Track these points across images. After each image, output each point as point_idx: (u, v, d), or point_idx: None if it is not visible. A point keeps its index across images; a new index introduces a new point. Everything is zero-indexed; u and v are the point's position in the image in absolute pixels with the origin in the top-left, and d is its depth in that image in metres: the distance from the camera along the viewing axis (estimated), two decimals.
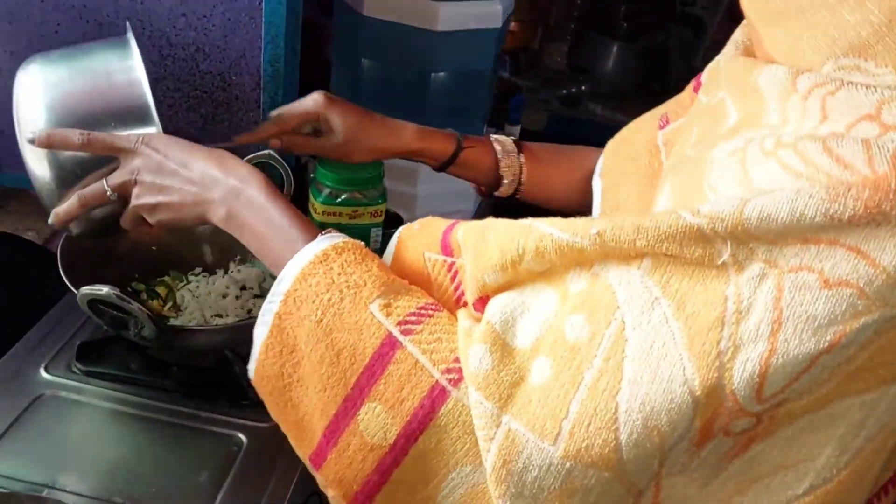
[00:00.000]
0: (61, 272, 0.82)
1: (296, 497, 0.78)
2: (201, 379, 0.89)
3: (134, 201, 0.71)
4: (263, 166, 0.96)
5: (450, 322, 0.58)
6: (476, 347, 0.53)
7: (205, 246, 0.99)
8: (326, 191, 0.99)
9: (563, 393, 0.49)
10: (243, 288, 0.96)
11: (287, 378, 0.60)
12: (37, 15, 1.00)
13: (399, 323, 0.57)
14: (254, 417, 0.85)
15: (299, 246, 0.62)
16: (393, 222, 1.15)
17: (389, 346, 0.56)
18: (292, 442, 0.62)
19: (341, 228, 1.04)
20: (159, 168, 0.69)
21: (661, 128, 0.78)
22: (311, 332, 0.58)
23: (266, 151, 0.88)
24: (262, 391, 0.62)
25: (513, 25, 1.96)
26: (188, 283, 0.97)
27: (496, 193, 0.96)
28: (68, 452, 0.79)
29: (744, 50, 0.60)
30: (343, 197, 0.99)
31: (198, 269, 0.99)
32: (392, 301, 0.58)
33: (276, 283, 0.61)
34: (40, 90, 0.74)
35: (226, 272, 0.99)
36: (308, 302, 0.59)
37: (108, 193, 0.71)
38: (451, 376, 0.54)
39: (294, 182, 0.90)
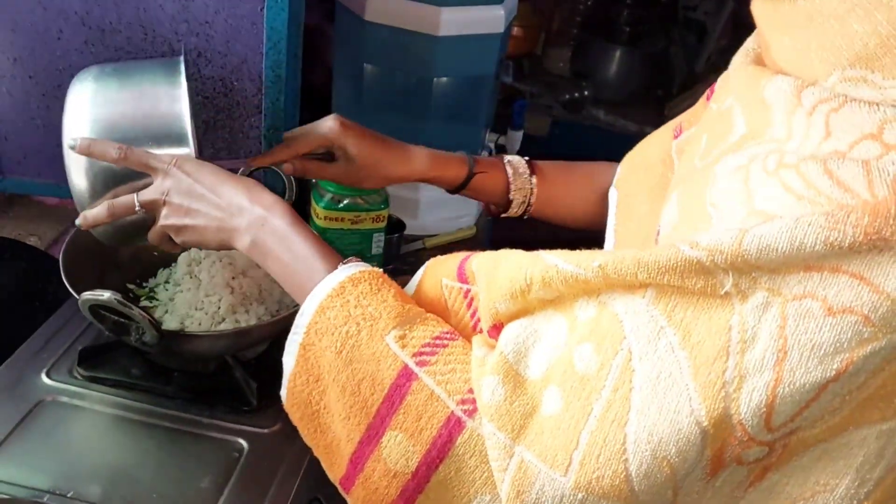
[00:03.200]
0: (63, 278, 0.82)
1: (296, 502, 0.78)
2: (202, 385, 0.89)
3: (162, 221, 0.72)
4: (265, 172, 0.97)
5: (464, 351, 0.58)
6: (489, 379, 0.53)
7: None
8: (328, 196, 0.99)
9: (574, 424, 0.49)
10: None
11: (315, 405, 0.61)
12: (39, 22, 1.00)
13: (414, 354, 0.58)
14: (255, 423, 0.85)
15: (320, 276, 0.64)
16: (395, 227, 1.15)
17: (406, 377, 0.57)
18: (324, 466, 0.63)
19: (343, 233, 1.05)
20: (189, 191, 0.71)
21: (676, 137, 0.78)
22: (333, 362, 0.59)
23: None
24: (294, 417, 0.64)
25: (515, 31, 1.97)
26: (169, 281, 0.97)
27: (504, 214, 0.95)
28: (70, 458, 0.78)
29: (754, 57, 0.59)
30: (345, 202, 0.99)
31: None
32: (407, 332, 0.59)
33: (298, 315, 0.63)
34: (90, 101, 0.76)
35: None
36: (328, 334, 0.60)
37: (137, 208, 0.73)
38: (466, 407, 0.55)
39: (296, 188, 0.90)
